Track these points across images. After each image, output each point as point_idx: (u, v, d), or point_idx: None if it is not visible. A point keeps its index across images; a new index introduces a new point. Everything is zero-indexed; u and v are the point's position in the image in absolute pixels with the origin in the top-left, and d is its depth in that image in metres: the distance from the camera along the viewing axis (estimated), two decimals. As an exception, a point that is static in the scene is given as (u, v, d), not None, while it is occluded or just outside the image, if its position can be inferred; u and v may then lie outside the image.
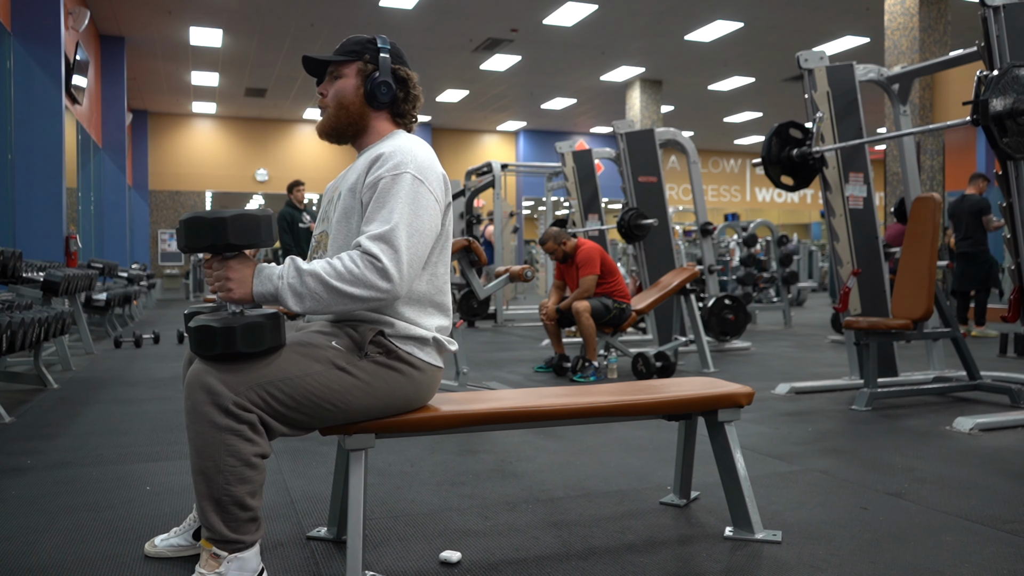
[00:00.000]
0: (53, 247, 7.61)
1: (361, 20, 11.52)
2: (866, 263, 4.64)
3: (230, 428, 1.52)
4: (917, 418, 3.69)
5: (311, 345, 1.66)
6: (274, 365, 1.58)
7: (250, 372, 1.55)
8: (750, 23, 11.74)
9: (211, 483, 1.54)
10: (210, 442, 1.52)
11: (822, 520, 2.16)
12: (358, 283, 1.57)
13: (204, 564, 1.58)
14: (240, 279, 1.57)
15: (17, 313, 4.05)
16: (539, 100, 16.96)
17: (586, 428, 3.29)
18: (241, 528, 1.57)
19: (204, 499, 1.55)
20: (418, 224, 1.66)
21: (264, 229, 1.59)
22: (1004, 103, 3.28)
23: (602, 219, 8.22)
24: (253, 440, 1.55)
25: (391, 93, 1.88)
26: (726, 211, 20.99)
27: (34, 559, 1.90)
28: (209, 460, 1.53)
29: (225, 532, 1.56)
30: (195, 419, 1.53)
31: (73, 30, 9.19)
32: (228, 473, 1.53)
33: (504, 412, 1.85)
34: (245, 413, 1.53)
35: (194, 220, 1.56)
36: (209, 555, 1.58)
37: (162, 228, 18.14)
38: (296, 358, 1.62)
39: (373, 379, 1.68)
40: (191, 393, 1.54)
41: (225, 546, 1.57)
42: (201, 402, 1.52)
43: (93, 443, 3.18)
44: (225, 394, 1.52)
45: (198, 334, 1.55)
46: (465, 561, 1.87)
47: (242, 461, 1.54)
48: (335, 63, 1.88)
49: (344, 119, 1.88)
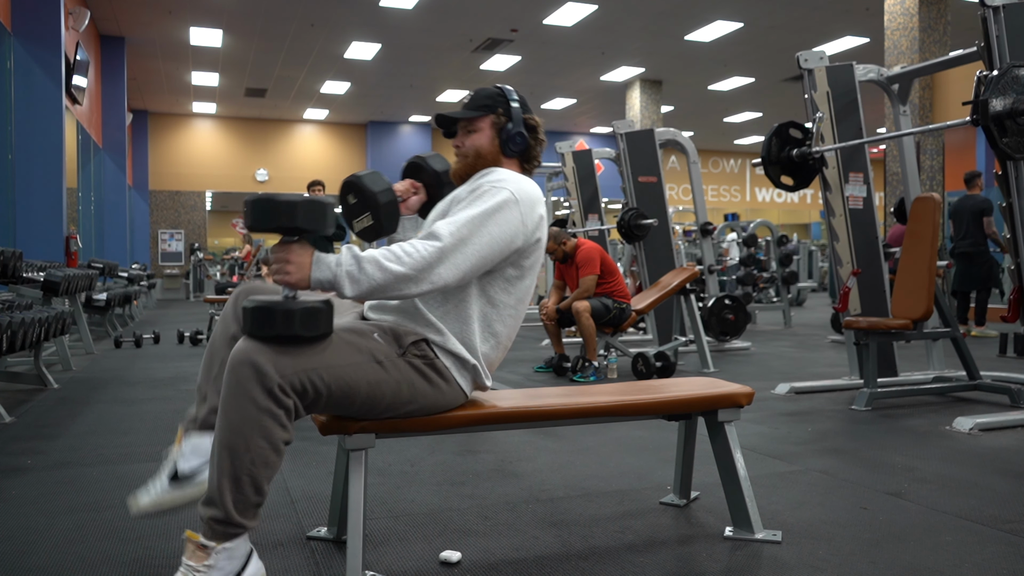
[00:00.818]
0: (53, 247, 7.61)
1: (361, 20, 11.53)
2: (866, 263, 4.64)
3: (269, 410, 1.54)
4: (917, 418, 3.69)
5: (355, 333, 1.69)
6: (320, 352, 1.60)
7: (298, 357, 1.57)
8: (750, 23, 11.75)
9: (236, 460, 1.54)
10: (247, 420, 1.53)
11: (822, 520, 2.16)
12: (409, 258, 1.61)
13: (191, 556, 1.56)
14: (299, 264, 1.59)
15: (17, 313, 4.05)
16: (539, 100, 16.96)
17: (586, 428, 3.29)
18: (247, 512, 1.57)
19: (223, 475, 1.55)
20: (491, 227, 1.72)
21: (329, 217, 1.63)
22: (1004, 103, 3.28)
23: (602, 219, 8.22)
24: (286, 426, 1.57)
25: (524, 142, 1.94)
26: (726, 211, 20.98)
27: (34, 559, 1.90)
28: (240, 437, 1.53)
29: (231, 512, 1.54)
30: (236, 394, 1.54)
31: (73, 30, 9.19)
32: (256, 454, 1.54)
33: (504, 412, 1.85)
34: (286, 398, 1.55)
35: (265, 201, 1.58)
36: (196, 547, 1.55)
37: (162, 228, 18.15)
38: (341, 346, 1.64)
39: (403, 380, 1.69)
40: (237, 368, 1.54)
41: (223, 528, 1.55)
42: (247, 379, 1.53)
43: (93, 443, 3.18)
44: (272, 375, 1.53)
45: (256, 314, 1.56)
46: (465, 561, 1.87)
47: (271, 445, 1.55)
48: (469, 118, 1.95)
49: (480, 167, 1.95)
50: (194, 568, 1.55)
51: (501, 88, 1.95)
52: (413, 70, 14.43)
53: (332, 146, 19.36)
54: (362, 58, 13.48)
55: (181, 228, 18.28)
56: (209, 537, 1.55)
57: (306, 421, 3.68)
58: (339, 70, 14.33)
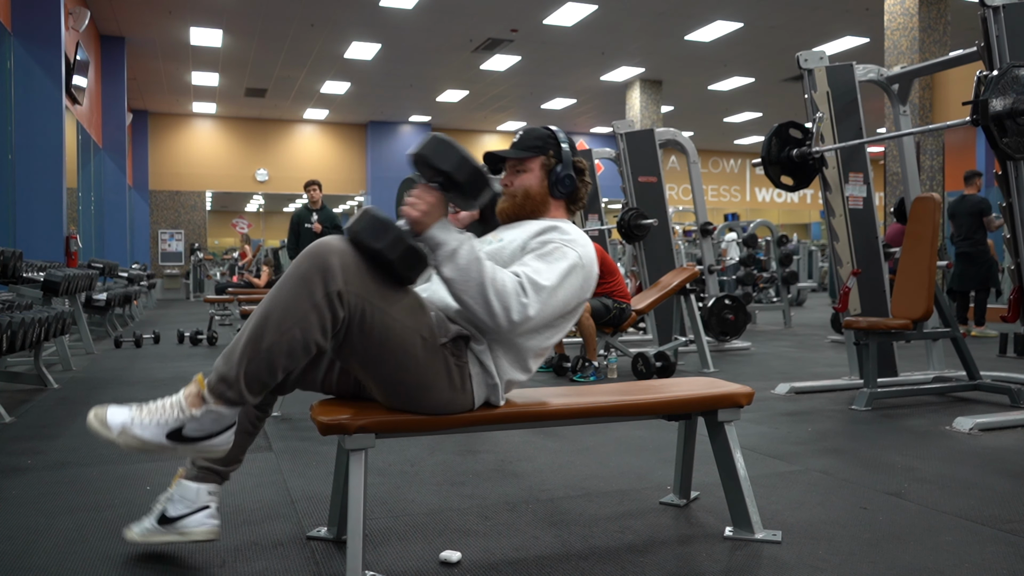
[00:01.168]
0: (53, 247, 7.61)
1: (361, 20, 11.53)
2: (866, 263, 4.64)
3: (318, 308, 1.56)
4: (917, 418, 3.69)
5: (419, 302, 1.72)
6: (386, 295, 1.63)
7: (367, 285, 1.60)
8: (750, 23, 11.74)
9: (266, 335, 1.57)
10: (295, 305, 1.57)
11: (822, 520, 2.16)
12: (500, 297, 1.65)
13: (188, 397, 1.62)
14: (431, 212, 1.65)
15: (17, 313, 4.05)
16: (539, 100, 16.96)
17: (586, 428, 3.29)
18: (252, 386, 1.60)
19: (249, 341, 1.58)
20: (560, 293, 1.77)
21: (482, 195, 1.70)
22: (1004, 103, 3.28)
23: (602, 219, 8.22)
24: (325, 332, 1.59)
25: (572, 185, 1.99)
26: (726, 211, 20.98)
27: (34, 559, 1.90)
28: (281, 316, 1.57)
29: (240, 377, 1.58)
30: (297, 280, 1.58)
31: (73, 30, 9.19)
32: (287, 339, 1.57)
33: (504, 412, 1.84)
34: (339, 307, 1.58)
35: (447, 144, 1.63)
36: (196, 394, 1.61)
37: (162, 228, 18.15)
38: (403, 304, 1.67)
39: (432, 366, 1.70)
40: (311, 258, 1.58)
41: (224, 388, 1.59)
42: (315, 270, 1.57)
43: (93, 443, 3.18)
44: (339, 281, 1.57)
45: (374, 223, 1.60)
46: (465, 561, 1.87)
47: (303, 341, 1.58)
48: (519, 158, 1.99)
49: (528, 207, 1.98)
50: (182, 408, 1.61)
51: (552, 130, 1.99)
52: (413, 70, 14.43)
53: (332, 146, 19.36)
54: (362, 58, 13.48)
55: (181, 228, 18.28)
56: (210, 391, 1.60)
57: (306, 421, 3.68)
58: (339, 70, 14.33)
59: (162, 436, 1.61)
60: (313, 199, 7.76)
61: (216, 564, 1.86)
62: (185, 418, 1.61)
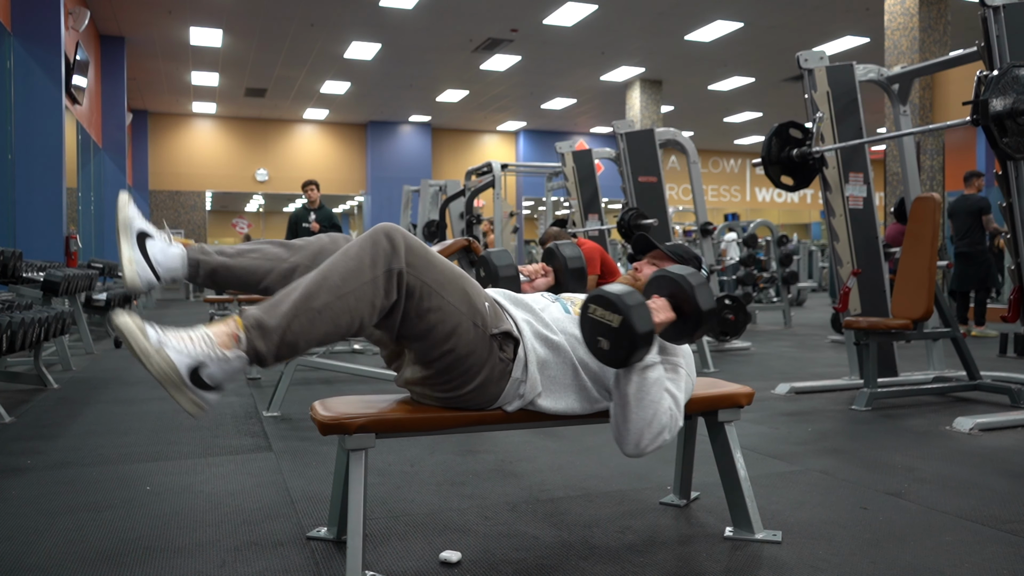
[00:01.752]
0: (53, 247, 7.61)
1: (361, 20, 11.53)
2: (866, 263, 4.64)
3: (376, 283, 1.56)
4: (917, 418, 3.69)
5: (476, 291, 1.73)
6: (446, 280, 1.64)
7: (430, 266, 1.61)
8: (750, 23, 11.75)
9: (320, 292, 1.53)
10: (357, 275, 1.55)
11: (822, 520, 2.16)
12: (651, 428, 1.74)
13: (217, 334, 1.48)
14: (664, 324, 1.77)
15: (17, 313, 4.05)
16: (539, 100, 16.96)
17: (586, 428, 3.28)
18: (283, 347, 1.51)
19: (302, 297, 1.52)
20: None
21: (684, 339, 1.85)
22: (1004, 103, 3.28)
23: (602, 219, 8.21)
24: (375, 310, 1.58)
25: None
26: (726, 211, 20.99)
27: (34, 559, 1.90)
28: (341, 283, 1.54)
29: (276, 330, 1.50)
30: (361, 253, 1.57)
31: (73, 30, 9.19)
32: (338, 305, 1.53)
33: (504, 412, 1.84)
34: (396, 286, 1.57)
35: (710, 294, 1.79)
36: (230, 333, 1.49)
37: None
38: (461, 291, 1.68)
39: (478, 350, 1.71)
40: (378, 235, 1.58)
41: (260, 340, 1.49)
42: (381, 246, 1.57)
43: (93, 443, 3.18)
44: (401, 260, 1.57)
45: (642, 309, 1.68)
46: (465, 561, 1.87)
47: (352, 312, 1.55)
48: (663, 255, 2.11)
49: None
50: (212, 343, 1.47)
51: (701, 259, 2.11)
52: (413, 70, 14.43)
53: (332, 146, 19.36)
54: (362, 58, 13.48)
55: (181, 228, 18.27)
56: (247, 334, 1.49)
57: (306, 421, 3.68)
58: (339, 70, 14.33)
59: (186, 369, 1.45)
60: (311, 199, 7.76)
61: (216, 564, 1.86)
62: (212, 356, 1.46)
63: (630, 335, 1.64)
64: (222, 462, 2.86)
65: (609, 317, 1.66)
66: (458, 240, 4.15)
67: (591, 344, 1.72)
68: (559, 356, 1.84)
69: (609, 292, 1.69)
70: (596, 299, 1.70)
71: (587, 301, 1.71)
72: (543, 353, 1.82)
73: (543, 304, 1.93)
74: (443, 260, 1.67)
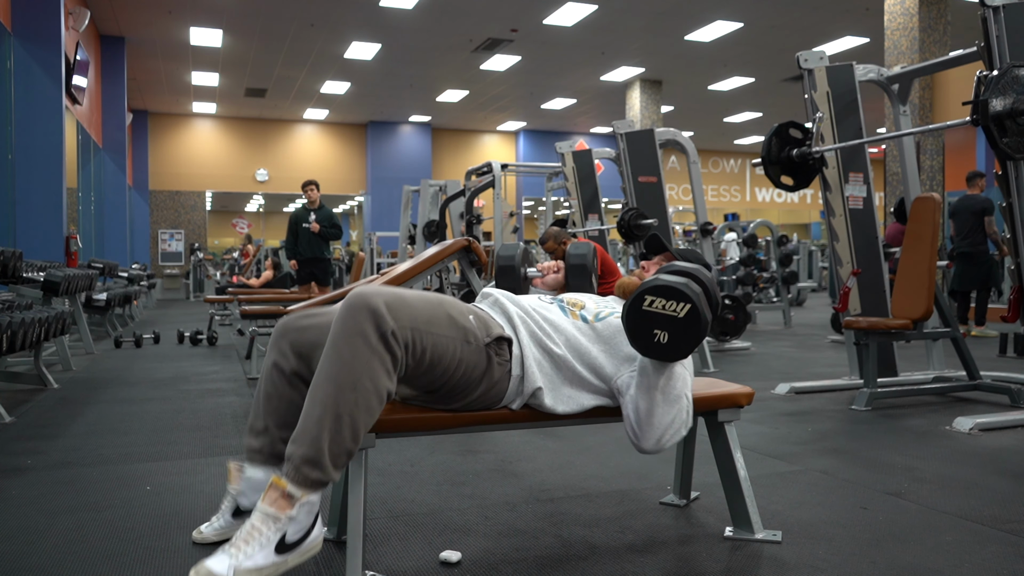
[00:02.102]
0: (53, 247, 7.61)
1: (361, 20, 11.53)
2: (866, 263, 4.64)
3: (379, 353, 1.55)
4: (917, 418, 3.69)
5: (458, 311, 1.73)
6: (430, 316, 1.65)
7: (412, 314, 1.61)
8: (750, 23, 11.75)
9: (341, 396, 1.52)
10: (358, 357, 1.54)
11: (822, 520, 2.16)
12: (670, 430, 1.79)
13: (273, 503, 1.51)
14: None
15: (17, 313, 4.05)
16: (539, 100, 16.97)
17: (586, 428, 3.28)
18: (339, 459, 1.53)
19: (326, 411, 1.52)
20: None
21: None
22: (1004, 103, 3.28)
23: (602, 219, 8.21)
24: (391, 375, 1.58)
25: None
26: (726, 211, 20.99)
27: (34, 559, 1.90)
28: (349, 373, 1.53)
29: (325, 453, 1.51)
30: (350, 332, 1.55)
31: (73, 30, 9.19)
32: (361, 394, 1.53)
33: (504, 412, 1.84)
34: (396, 345, 1.57)
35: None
36: (280, 494, 1.51)
37: (162, 228, 18.16)
38: (445, 318, 1.68)
39: (476, 365, 1.73)
40: (355, 309, 1.56)
41: (309, 470, 1.50)
42: (364, 318, 1.55)
43: (93, 443, 3.18)
44: (388, 321, 1.56)
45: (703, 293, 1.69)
46: (465, 561, 1.87)
47: (376, 390, 1.55)
48: (673, 258, 2.16)
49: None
50: (274, 516, 1.50)
51: (711, 266, 2.15)
52: (413, 70, 14.43)
53: (332, 146, 19.36)
54: (362, 58, 13.48)
55: (181, 228, 18.28)
56: (296, 482, 1.51)
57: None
58: (339, 70, 14.34)
59: (272, 554, 1.51)
60: (311, 199, 7.74)
61: (216, 564, 1.85)
62: (284, 524, 1.52)
63: (698, 324, 1.61)
64: (222, 462, 2.86)
65: (675, 308, 1.63)
66: (458, 240, 4.15)
67: (644, 339, 1.66)
68: (554, 354, 1.85)
69: (670, 281, 1.65)
70: (654, 290, 1.64)
71: (642, 293, 1.65)
72: (538, 351, 1.84)
73: (540, 305, 1.95)
74: (418, 295, 1.67)
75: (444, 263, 3.79)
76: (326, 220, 7.75)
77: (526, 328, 1.85)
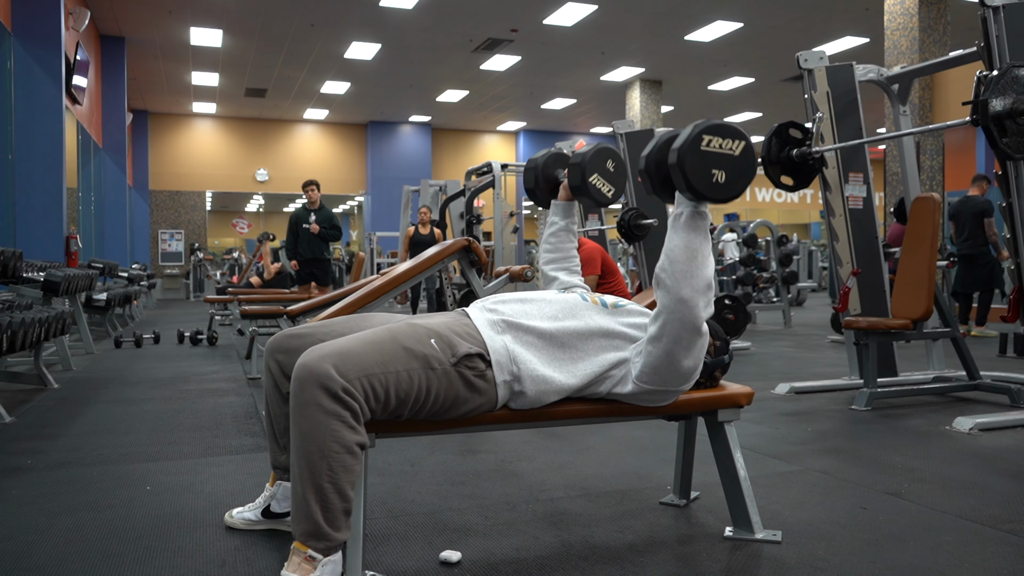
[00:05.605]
0: (53, 247, 7.61)
1: (361, 20, 11.53)
2: (866, 263, 4.64)
3: (336, 413, 1.55)
4: (917, 418, 3.69)
5: (414, 339, 1.71)
6: (381, 357, 1.63)
7: (360, 362, 1.60)
8: (750, 23, 11.75)
9: (314, 468, 1.55)
10: (316, 426, 1.55)
11: (822, 520, 2.16)
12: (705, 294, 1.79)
13: (296, 568, 1.56)
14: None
15: (17, 313, 4.05)
16: (539, 100, 16.97)
17: (586, 428, 3.29)
18: (337, 520, 1.57)
19: (306, 486, 1.56)
20: None
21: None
22: (1004, 103, 3.27)
23: (602, 219, 8.21)
24: (355, 428, 1.58)
25: None
26: (726, 211, 20.97)
27: (34, 559, 1.90)
28: (314, 444, 1.55)
29: (322, 523, 1.55)
30: (303, 404, 1.56)
31: (73, 30, 9.19)
32: (332, 459, 1.55)
33: (504, 412, 1.84)
34: (351, 400, 1.57)
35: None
36: (303, 558, 1.56)
37: (162, 228, 18.16)
38: (400, 352, 1.66)
39: (450, 387, 1.71)
40: (301, 380, 1.57)
41: (320, 542, 1.56)
42: (311, 386, 1.56)
43: (93, 443, 3.18)
44: (335, 379, 1.56)
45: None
46: (465, 561, 1.87)
47: (345, 447, 1.57)
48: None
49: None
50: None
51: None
52: (413, 70, 14.43)
53: (332, 146, 19.36)
54: (362, 58, 13.48)
55: (181, 228, 18.28)
56: (313, 548, 1.56)
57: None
58: (339, 70, 14.34)
59: None
60: (311, 199, 7.74)
61: (216, 564, 1.86)
62: None
63: (751, 161, 1.67)
64: (222, 462, 2.86)
65: (732, 146, 1.66)
66: (458, 240, 4.14)
67: (703, 178, 1.66)
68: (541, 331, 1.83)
69: (723, 122, 1.69)
70: (712, 129, 1.67)
71: (700, 133, 1.67)
72: (527, 336, 1.82)
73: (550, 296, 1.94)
74: (365, 341, 1.65)
75: (444, 263, 3.78)
76: (326, 221, 7.75)
77: (506, 323, 1.82)
